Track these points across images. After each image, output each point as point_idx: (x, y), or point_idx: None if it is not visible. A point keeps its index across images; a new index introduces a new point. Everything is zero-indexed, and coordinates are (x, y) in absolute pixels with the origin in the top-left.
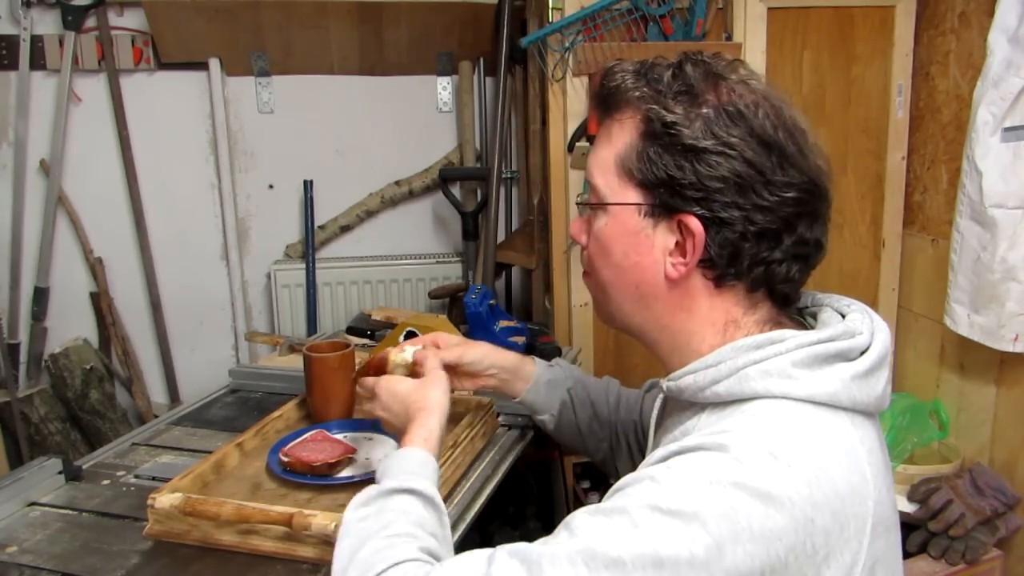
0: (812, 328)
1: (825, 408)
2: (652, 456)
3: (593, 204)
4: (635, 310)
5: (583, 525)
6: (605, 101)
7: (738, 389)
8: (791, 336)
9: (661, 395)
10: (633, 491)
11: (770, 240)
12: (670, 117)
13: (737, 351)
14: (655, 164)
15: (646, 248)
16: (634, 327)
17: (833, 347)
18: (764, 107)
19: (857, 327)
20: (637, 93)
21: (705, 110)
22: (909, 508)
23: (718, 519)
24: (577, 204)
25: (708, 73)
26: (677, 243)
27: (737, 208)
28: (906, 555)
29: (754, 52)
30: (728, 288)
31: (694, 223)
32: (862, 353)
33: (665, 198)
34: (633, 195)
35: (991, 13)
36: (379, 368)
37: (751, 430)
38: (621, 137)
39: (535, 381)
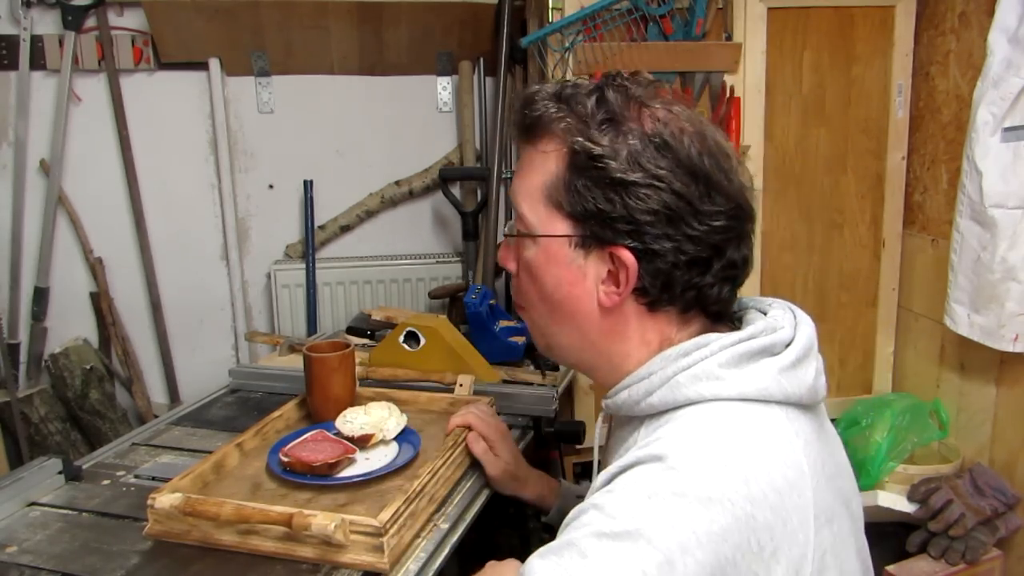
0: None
1: (757, 403)
2: (596, 482)
3: (522, 234)
4: (571, 339)
5: (536, 570)
6: (528, 130)
7: (671, 397)
8: (715, 339)
9: (601, 421)
10: (578, 523)
11: (701, 266)
12: (596, 150)
13: (666, 361)
14: (584, 197)
15: (578, 279)
16: (572, 356)
17: (756, 344)
18: (688, 133)
19: (779, 322)
20: (562, 125)
21: (632, 140)
22: (909, 508)
23: (663, 533)
24: (505, 234)
25: (630, 98)
26: (609, 272)
27: (668, 239)
28: (906, 555)
29: (754, 52)
30: (662, 312)
31: (627, 256)
32: (787, 346)
33: (596, 231)
34: (562, 226)
35: (991, 13)
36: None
37: (684, 435)
38: (546, 167)
39: (556, 513)
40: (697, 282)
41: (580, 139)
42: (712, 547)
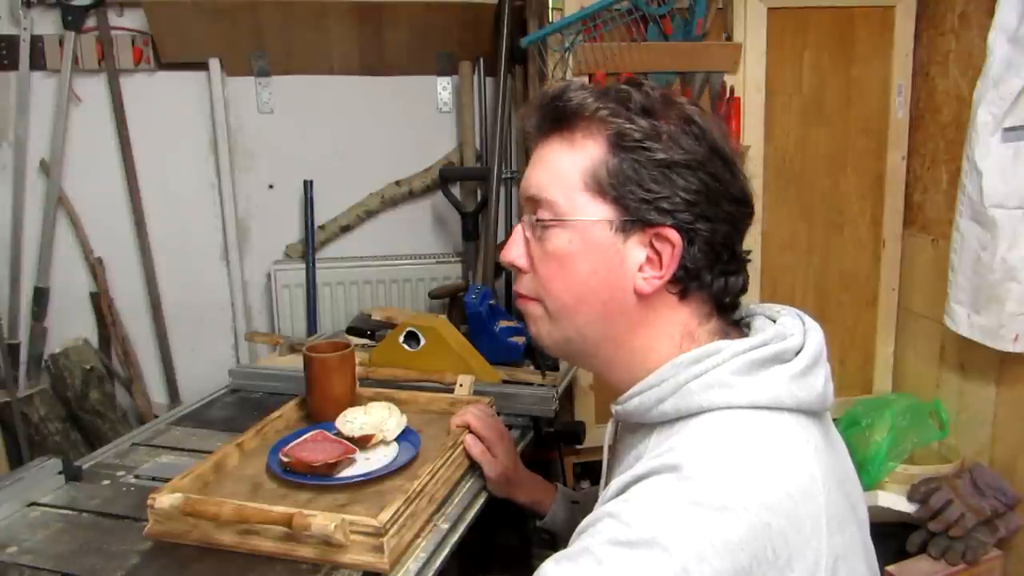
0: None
1: (769, 411)
2: (608, 490)
3: (555, 222)
4: (594, 331)
5: (552, 575)
6: (561, 120)
7: (683, 405)
8: (726, 346)
9: (611, 421)
10: (594, 530)
11: (728, 251)
12: (640, 133)
13: (678, 368)
14: (629, 178)
15: (616, 263)
16: (588, 349)
17: (767, 351)
18: (714, 125)
19: (788, 329)
20: (603, 111)
21: (671, 126)
22: (909, 508)
23: (679, 541)
24: (536, 224)
25: (659, 96)
26: (648, 257)
27: (708, 220)
28: (906, 555)
29: (754, 52)
30: (689, 301)
31: (672, 235)
32: (797, 354)
33: (640, 212)
34: (604, 210)
35: (991, 13)
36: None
37: (697, 445)
38: (585, 153)
39: (551, 516)
40: (724, 268)
41: (623, 122)
42: (729, 555)
